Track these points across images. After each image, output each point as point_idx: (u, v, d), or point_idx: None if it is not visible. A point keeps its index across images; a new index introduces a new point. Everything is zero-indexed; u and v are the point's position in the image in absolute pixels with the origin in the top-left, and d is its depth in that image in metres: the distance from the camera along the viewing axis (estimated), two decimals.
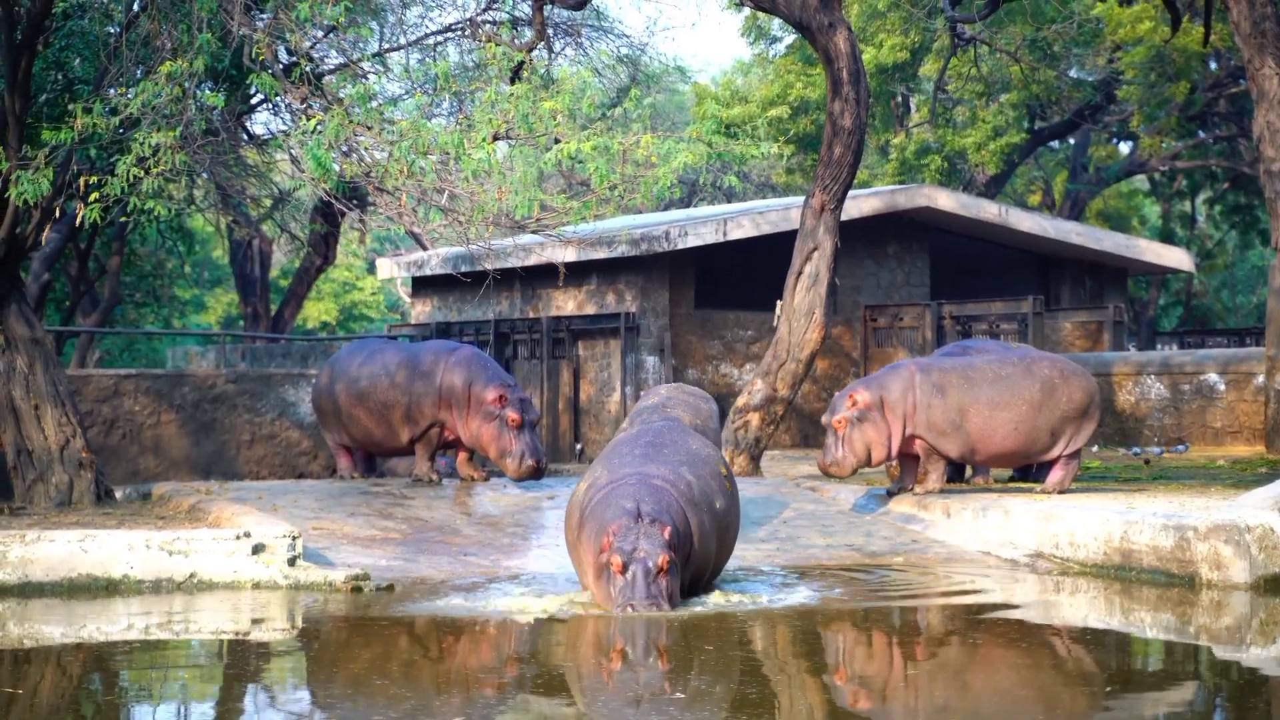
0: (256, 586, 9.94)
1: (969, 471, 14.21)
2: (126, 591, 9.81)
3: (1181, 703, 7.11)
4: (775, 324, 16.07)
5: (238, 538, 10.13)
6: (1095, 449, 18.58)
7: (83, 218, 11.92)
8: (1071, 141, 39.84)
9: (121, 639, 8.39)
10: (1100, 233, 26.44)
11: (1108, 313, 23.20)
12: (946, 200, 24.07)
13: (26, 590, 9.75)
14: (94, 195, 11.72)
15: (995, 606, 9.71)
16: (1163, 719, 6.77)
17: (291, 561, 10.11)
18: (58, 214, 13.05)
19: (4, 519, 11.79)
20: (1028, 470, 14.25)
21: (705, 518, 9.29)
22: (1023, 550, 11.51)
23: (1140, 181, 45.29)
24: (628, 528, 8.78)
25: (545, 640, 8.45)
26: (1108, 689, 7.23)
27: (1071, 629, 8.99)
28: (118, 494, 13.55)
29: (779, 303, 16.06)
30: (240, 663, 7.94)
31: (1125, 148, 40.66)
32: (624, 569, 8.70)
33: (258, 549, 10.11)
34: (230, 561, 10.06)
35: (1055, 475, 12.90)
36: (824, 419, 12.86)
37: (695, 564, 9.25)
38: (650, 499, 8.98)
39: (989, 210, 24.46)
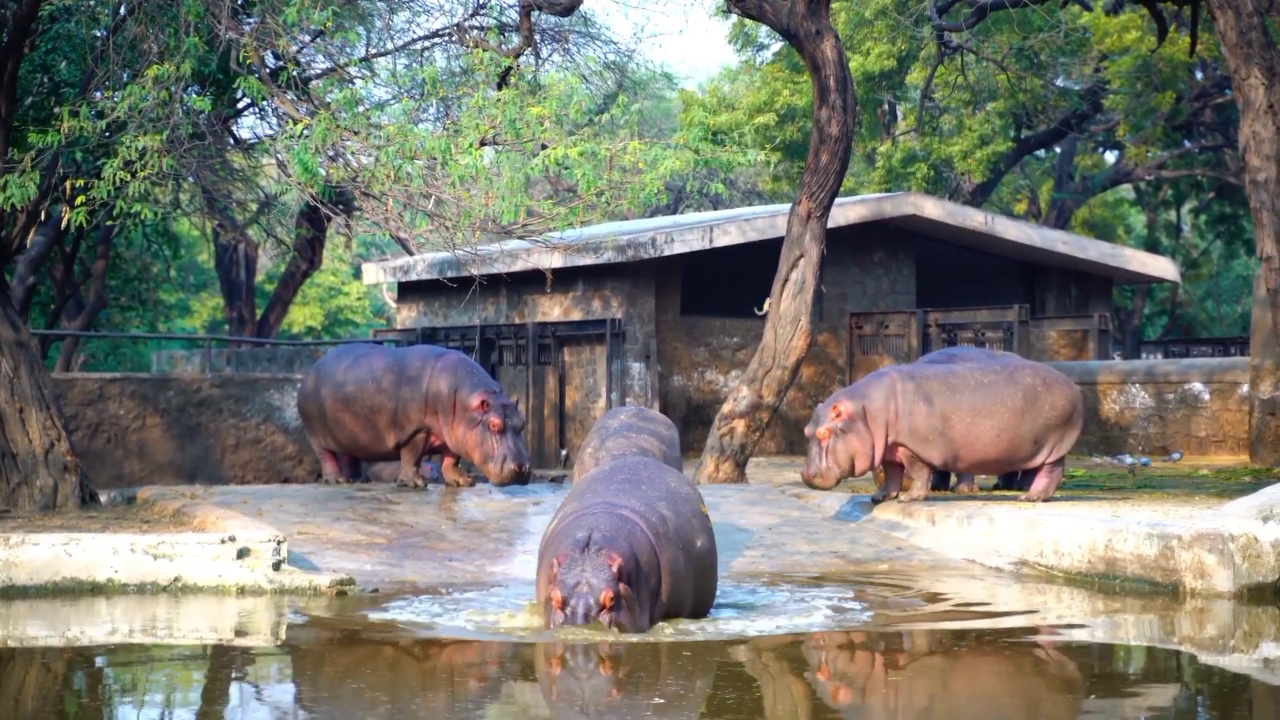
0: (241, 591, 9.93)
1: (954, 479, 14.24)
2: (111, 595, 9.79)
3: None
4: (765, 309, 16.01)
5: (223, 542, 10.12)
6: (1101, 460, 18.61)
7: (69, 221, 11.91)
8: (1057, 150, 39.92)
9: (104, 642, 8.38)
10: (1086, 241, 26.50)
11: (1093, 321, 23.25)
12: (933, 208, 24.11)
13: (10, 593, 9.73)
14: (80, 198, 11.71)
15: (1044, 631, 9.24)
16: None
17: (276, 566, 10.10)
18: (43, 217, 13.03)
19: None
20: (1012, 478, 14.28)
21: (680, 555, 8.67)
22: (1007, 558, 11.53)
23: (1126, 191, 45.37)
24: (573, 559, 8.17)
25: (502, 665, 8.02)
26: None
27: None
28: (102, 498, 13.52)
29: (767, 301, 16.04)
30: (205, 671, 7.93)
31: (1111, 157, 40.75)
32: (564, 604, 8.11)
33: (243, 553, 10.09)
34: (215, 566, 10.05)
35: (1039, 483, 12.92)
36: (807, 430, 12.88)
37: (668, 603, 8.61)
38: (607, 526, 8.34)
39: (975, 218, 24.51)
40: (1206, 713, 7.09)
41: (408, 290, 25.73)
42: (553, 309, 22.93)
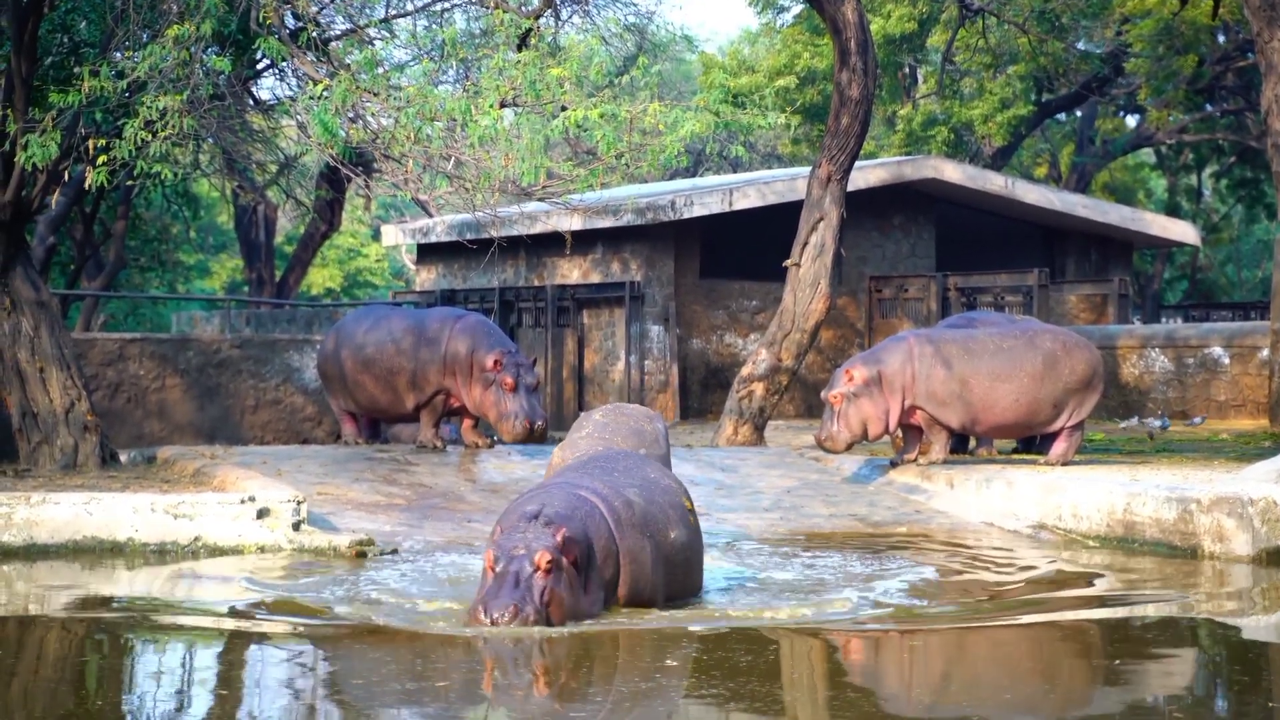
0: (261, 550, 9.96)
1: (972, 443, 14.24)
2: (131, 555, 9.84)
3: None
4: (795, 262, 15.92)
5: (242, 502, 10.16)
6: (1126, 424, 18.59)
7: (89, 181, 11.91)
8: (1078, 114, 39.76)
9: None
10: (1106, 205, 26.42)
11: (1113, 285, 23.19)
12: (953, 172, 24.04)
13: (32, 552, 9.79)
14: (101, 159, 11.71)
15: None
16: None
17: (296, 526, 10.13)
18: (64, 177, 13.05)
19: (9, 481, 11.83)
20: (1031, 442, 14.28)
21: (646, 545, 7.96)
22: (1026, 521, 11.53)
23: (1147, 155, 45.20)
24: (516, 527, 7.49)
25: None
26: None
27: None
28: (122, 457, 13.57)
29: (792, 258, 15.96)
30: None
31: (1132, 121, 40.58)
32: (494, 565, 7.41)
33: (262, 513, 10.13)
34: (235, 526, 10.09)
35: (1058, 447, 12.91)
36: (823, 394, 12.91)
37: (629, 595, 7.90)
38: (561, 504, 7.68)
39: (995, 182, 24.44)
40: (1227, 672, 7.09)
41: (427, 252, 25.74)
42: (572, 271, 22.93)
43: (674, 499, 8.45)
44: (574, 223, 20.70)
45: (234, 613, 8.05)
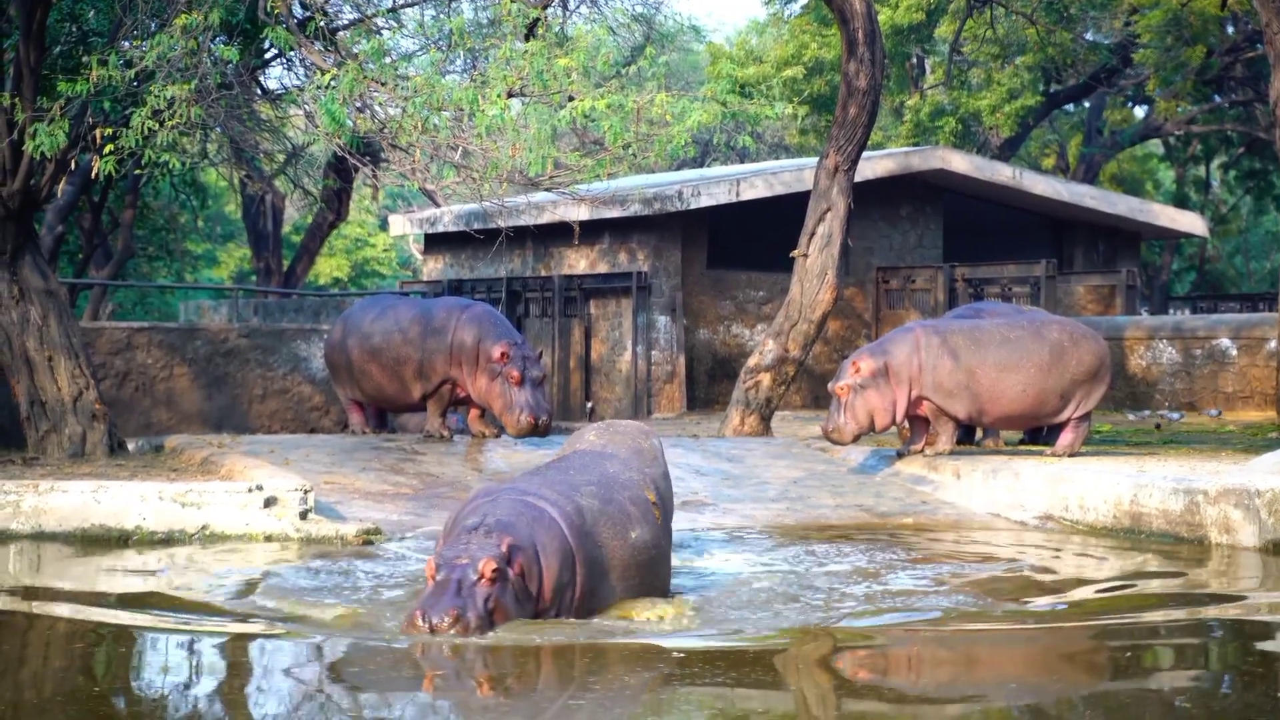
0: (268, 539, 9.98)
1: (979, 434, 14.25)
2: (139, 542, 9.86)
3: None
4: (803, 252, 15.90)
5: (250, 490, 10.18)
6: (1138, 416, 18.59)
7: (97, 170, 11.94)
8: (1087, 105, 39.70)
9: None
10: (1114, 196, 26.39)
11: (1120, 277, 23.18)
12: (960, 162, 24.02)
13: (40, 540, 9.81)
14: (109, 147, 11.73)
15: None
16: None
17: (303, 515, 10.15)
18: (72, 166, 13.07)
19: (17, 469, 11.86)
20: (1038, 433, 14.28)
21: (605, 547, 7.52)
22: (1032, 513, 11.54)
23: (1155, 146, 45.13)
24: (458, 539, 7.07)
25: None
26: None
27: None
28: (130, 446, 13.60)
29: (799, 252, 15.94)
30: None
31: (1140, 111, 40.51)
32: (434, 574, 6.96)
33: (270, 502, 10.15)
34: (242, 514, 10.11)
35: (1065, 438, 12.92)
36: (829, 385, 12.92)
37: (585, 599, 7.38)
38: (506, 511, 7.24)
39: (1003, 173, 24.42)
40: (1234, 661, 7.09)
41: (434, 242, 25.75)
42: (579, 262, 22.93)
43: (636, 493, 7.96)
44: (581, 213, 20.71)
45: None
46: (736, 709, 6.02)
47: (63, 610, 7.87)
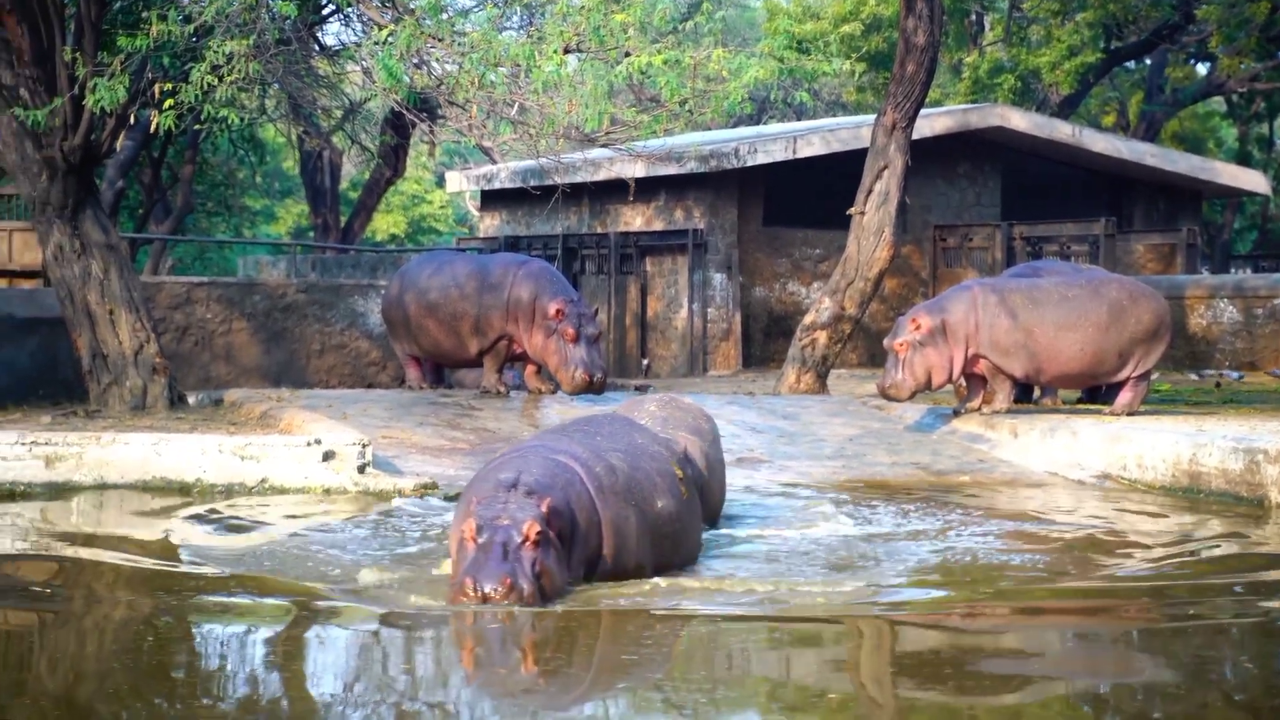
0: (327, 493, 10.06)
1: (1036, 392, 14.18)
2: (200, 495, 9.95)
3: None
4: (860, 209, 15.81)
5: (308, 444, 10.25)
6: (1199, 375, 18.47)
7: (157, 125, 12.00)
8: (1148, 62, 39.26)
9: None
10: (1175, 154, 26.15)
11: (1181, 235, 22.98)
12: (1019, 120, 23.85)
13: (103, 491, 9.92)
14: (168, 102, 11.79)
15: None
16: None
17: (361, 469, 10.22)
18: (132, 121, 13.14)
19: (80, 421, 11.98)
20: (1096, 391, 14.20)
21: (631, 514, 7.34)
22: (1090, 471, 11.50)
23: (1217, 103, 44.64)
24: (495, 496, 6.84)
25: None
26: None
27: None
28: (190, 400, 13.72)
29: (856, 210, 15.86)
30: None
31: (1203, 69, 40.06)
32: (477, 535, 6.69)
33: (328, 456, 10.22)
34: (301, 468, 10.18)
35: (1124, 397, 12.85)
36: (885, 342, 12.88)
37: (614, 568, 7.26)
38: (539, 470, 7.05)
39: (1062, 131, 24.23)
40: None
41: (491, 199, 25.78)
42: (635, 219, 22.91)
43: (662, 466, 7.82)
44: (637, 170, 20.67)
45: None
46: (801, 679, 6.03)
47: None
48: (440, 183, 51.64)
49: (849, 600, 7.12)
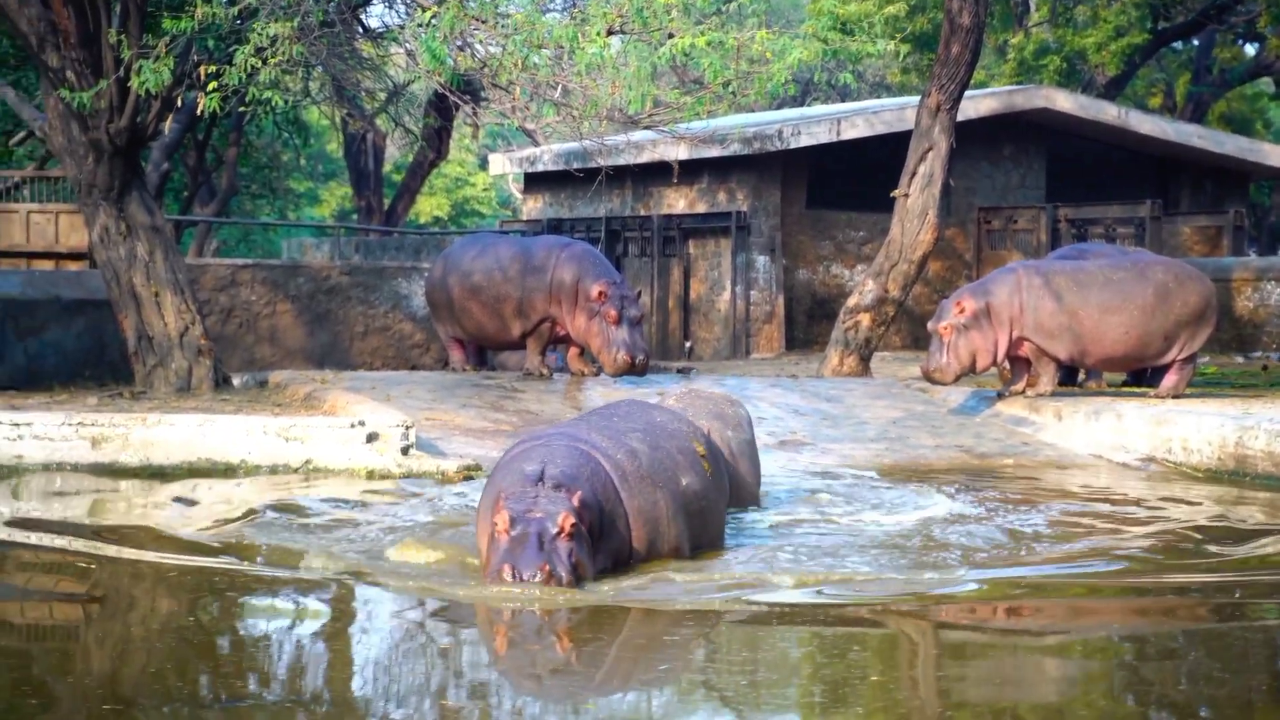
0: (370, 474, 10.09)
1: (1081, 375, 14.12)
2: (245, 476, 10.01)
3: None
4: (904, 191, 15.74)
5: (352, 426, 10.29)
6: (1251, 358, 18.35)
7: (202, 107, 12.05)
8: (1195, 43, 38.96)
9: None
10: (1222, 136, 25.94)
11: (1228, 217, 22.80)
12: (1065, 102, 23.70)
13: (147, 472, 9.98)
14: (212, 85, 11.83)
15: None
16: None
17: (405, 450, 10.25)
18: (177, 103, 13.20)
19: (126, 402, 12.06)
20: (1142, 374, 14.12)
21: (660, 498, 7.21)
22: (1135, 454, 11.44)
23: (1266, 84, 44.24)
24: (524, 490, 6.73)
25: None
26: None
27: None
28: (235, 381, 13.78)
29: (900, 192, 15.79)
30: None
31: (1251, 49, 39.71)
32: (510, 528, 6.63)
33: (372, 437, 10.26)
34: (345, 449, 10.22)
35: (1169, 380, 12.77)
36: (929, 325, 12.84)
37: (647, 552, 7.16)
38: (564, 461, 6.94)
39: (1108, 112, 24.07)
40: None
41: (534, 181, 25.79)
42: (678, 201, 22.89)
43: (684, 444, 7.67)
44: (680, 152, 20.64)
45: None
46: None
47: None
48: (483, 165, 51.68)
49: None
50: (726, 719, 5.06)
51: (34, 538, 7.99)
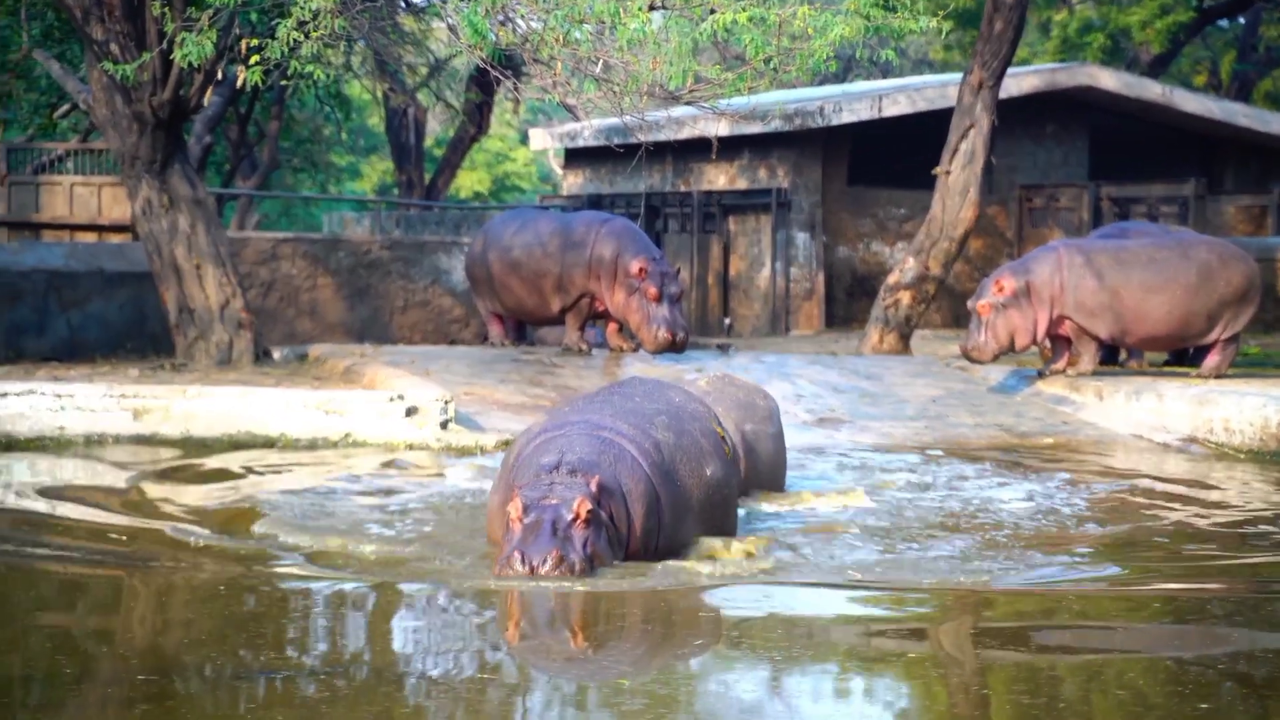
0: (409, 448, 10.13)
1: (1122, 354, 14.06)
2: (284, 449, 10.05)
3: None
4: (945, 169, 15.68)
5: (391, 400, 10.32)
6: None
7: (244, 81, 12.07)
8: (1242, 20, 38.64)
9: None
10: (1269, 115, 25.70)
11: (1273, 196, 22.63)
12: (1109, 80, 23.53)
13: (188, 444, 10.04)
14: (254, 58, 11.85)
15: None
16: None
17: (443, 425, 10.28)
18: (219, 76, 13.23)
19: (167, 374, 12.12)
20: (1184, 354, 14.05)
21: (688, 486, 6.94)
22: (1175, 434, 11.39)
23: None
24: (538, 480, 6.45)
25: None
26: None
27: None
28: (275, 354, 13.84)
29: (941, 169, 15.72)
30: None
31: None
32: (524, 516, 6.34)
33: (411, 411, 10.29)
34: (384, 423, 10.26)
35: (1212, 360, 12.71)
36: (969, 304, 12.80)
37: (674, 544, 6.83)
38: (583, 448, 6.62)
39: (1152, 90, 23.89)
40: None
41: (574, 157, 25.78)
42: (718, 177, 22.85)
43: (705, 426, 7.33)
44: (721, 128, 20.58)
45: None
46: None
47: None
48: (524, 140, 51.65)
49: None
50: None
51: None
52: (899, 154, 22.18)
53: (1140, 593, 6.62)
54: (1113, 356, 13.91)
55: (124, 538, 7.30)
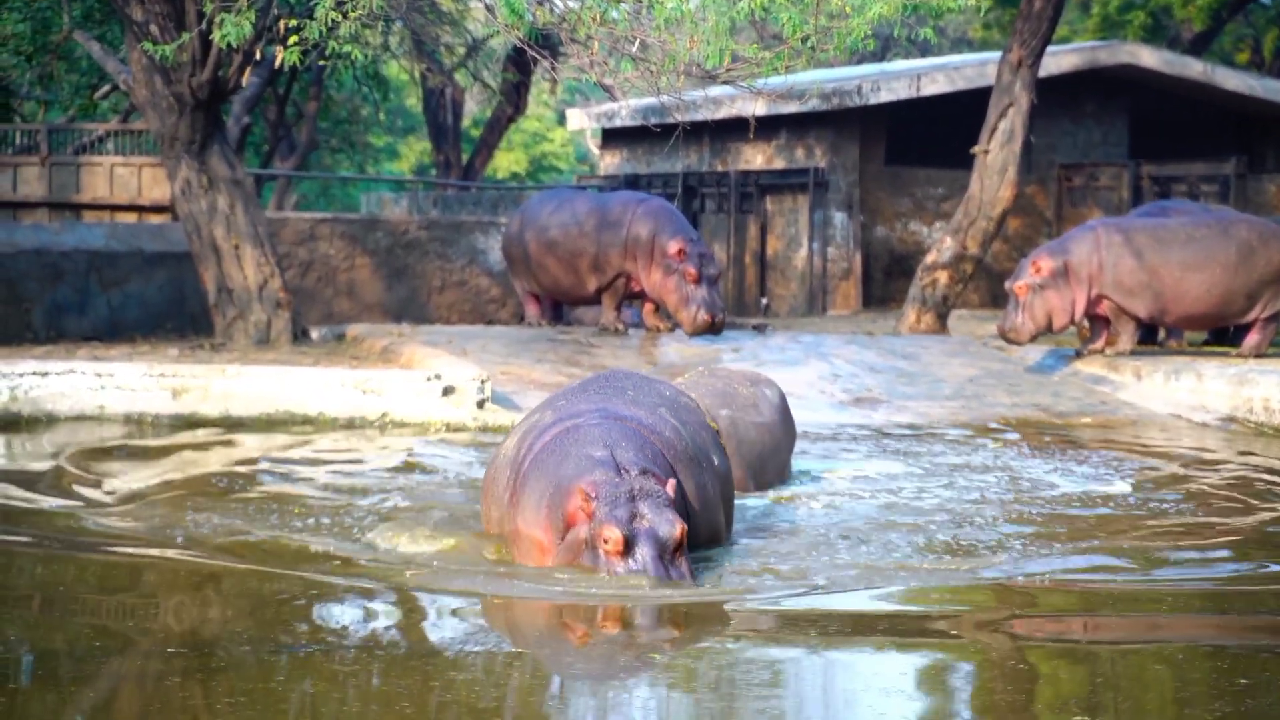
0: (447, 427, 10.17)
1: (1161, 334, 14.00)
2: (322, 427, 10.10)
3: None
4: (984, 148, 15.61)
5: (429, 379, 10.36)
6: None
7: (282, 62, 12.10)
8: None
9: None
10: None
11: None
12: (1149, 58, 23.38)
13: (227, 423, 10.10)
14: (293, 39, 11.88)
15: None
16: None
17: (480, 404, 10.32)
18: (258, 57, 13.28)
19: (206, 354, 12.19)
20: (1223, 333, 13.99)
21: (707, 479, 6.65)
22: (1214, 414, 11.34)
23: None
24: (612, 484, 5.92)
25: None
26: None
27: None
28: (313, 334, 13.90)
29: (980, 148, 15.66)
30: None
31: None
32: (626, 550, 5.82)
33: (448, 391, 10.33)
34: (421, 402, 10.30)
35: (1252, 339, 12.65)
36: (1006, 284, 12.77)
37: (703, 537, 6.58)
38: (625, 443, 6.22)
39: (1194, 69, 23.72)
40: None
41: (611, 137, 25.77)
42: (755, 157, 22.81)
43: (701, 419, 7.10)
44: (758, 108, 20.52)
45: None
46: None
47: None
48: (561, 120, 51.63)
49: None
50: None
51: None
52: (937, 133, 22.10)
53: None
54: (1151, 336, 13.85)
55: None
